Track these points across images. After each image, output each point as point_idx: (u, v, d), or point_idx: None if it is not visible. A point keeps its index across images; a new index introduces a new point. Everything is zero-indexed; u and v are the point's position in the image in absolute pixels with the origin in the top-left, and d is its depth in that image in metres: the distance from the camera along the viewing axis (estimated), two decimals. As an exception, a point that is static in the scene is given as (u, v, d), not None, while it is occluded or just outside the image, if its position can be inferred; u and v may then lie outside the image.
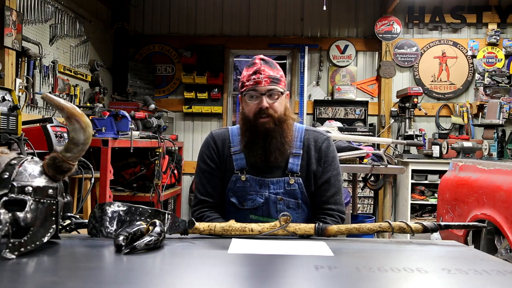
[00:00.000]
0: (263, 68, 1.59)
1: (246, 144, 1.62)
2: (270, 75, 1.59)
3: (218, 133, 1.73)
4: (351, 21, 5.79)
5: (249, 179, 1.62)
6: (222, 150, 1.68)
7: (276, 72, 1.62)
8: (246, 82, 1.61)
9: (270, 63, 1.63)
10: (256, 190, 1.62)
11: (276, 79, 1.60)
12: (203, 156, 1.70)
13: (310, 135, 1.69)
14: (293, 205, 1.63)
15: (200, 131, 5.83)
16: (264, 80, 1.57)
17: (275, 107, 1.59)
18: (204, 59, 5.74)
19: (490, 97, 5.26)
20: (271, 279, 0.90)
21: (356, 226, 1.25)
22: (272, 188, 1.61)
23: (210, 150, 1.69)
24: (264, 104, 1.57)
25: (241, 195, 1.63)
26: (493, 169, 2.93)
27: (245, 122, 1.63)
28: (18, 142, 2.57)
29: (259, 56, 1.66)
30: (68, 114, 1.01)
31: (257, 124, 1.59)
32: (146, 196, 4.19)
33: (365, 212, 5.50)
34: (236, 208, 1.64)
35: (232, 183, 1.64)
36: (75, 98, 4.52)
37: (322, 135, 1.70)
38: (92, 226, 1.18)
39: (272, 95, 1.59)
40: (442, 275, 0.93)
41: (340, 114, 5.66)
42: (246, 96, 1.61)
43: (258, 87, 1.58)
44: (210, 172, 1.68)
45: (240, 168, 1.64)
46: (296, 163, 1.63)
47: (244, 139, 1.63)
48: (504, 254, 2.72)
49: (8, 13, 3.40)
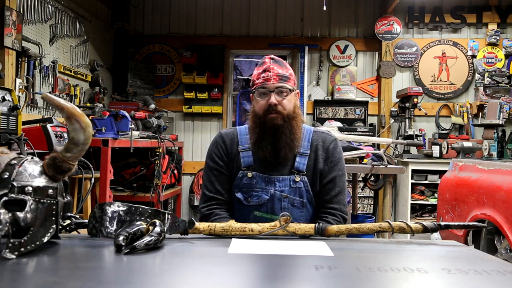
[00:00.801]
0: (272, 66, 1.65)
1: (255, 141, 1.66)
2: (279, 73, 1.64)
3: (227, 132, 1.76)
4: (351, 21, 5.79)
5: (256, 176, 1.65)
6: (231, 149, 1.71)
7: (285, 70, 1.66)
8: (256, 80, 1.67)
9: (280, 62, 1.68)
10: (262, 187, 1.64)
11: (285, 77, 1.64)
12: (212, 154, 1.73)
13: (318, 136, 1.73)
14: (298, 204, 1.65)
15: (200, 131, 5.83)
16: (273, 78, 1.62)
17: (284, 104, 1.63)
18: (204, 59, 5.74)
19: (490, 97, 5.26)
20: (271, 279, 0.90)
21: (356, 226, 1.25)
22: (277, 186, 1.64)
23: (218, 148, 1.72)
24: (272, 101, 1.61)
25: (247, 191, 1.66)
26: (493, 169, 2.93)
27: (255, 119, 1.67)
28: (18, 142, 2.57)
29: (269, 56, 1.72)
30: (68, 114, 1.01)
31: (266, 120, 1.63)
32: (146, 196, 4.19)
33: (365, 212, 5.51)
34: (241, 204, 1.66)
35: (238, 180, 1.67)
36: (75, 98, 4.52)
37: (330, 137, 1.75)
38: (92, 226, 1.18)
39: (281, 92, 1.63)
40: (442, 275, 0.93)
41: (340, 114, 5.66)
42: (256, 93, 1.66)
43: (267, 84, 1.63)
44: (219, 169, 1.70)
45: (247, 165, 1.67)
46: (303, 162, 1.66)
47: (254, 135, 1.67)
48: (504, 254, 2.72)
49: (8, 13, 3.40)
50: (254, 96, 1.67)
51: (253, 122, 1.68)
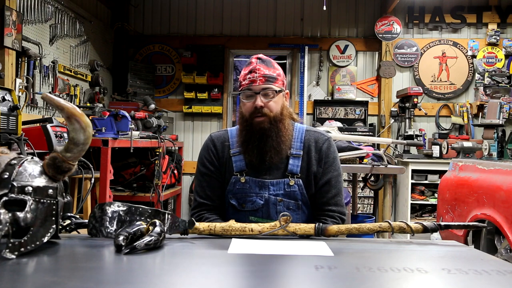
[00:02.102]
0: (258, 67, 1.60)
1: (242, 144, 1.62)
2: (265, 74, 1.59)
3: (218, 136, 1.72)
4: (351, 21, 5.79)
5: (249, 180, 1.61)
6: (222, 153, 1.68)
7: (272, 71, 1.61)
8: (242, 82, 1.62)
9: (267, 62, 1.63)
10: (255, 192, 1.61)
11: (272, 77, 1.59)
12: (203, 159, 1.70)
13: (310, 136, 1.68)
14: (293, 207, 1.62)
15: (200, 131, 5.83)
16: (259, 79, 1.58)
17: (270, 106, 1.59)
18: (204, 59, 5.74)
19: (490, 97, 5.26)
20: (271, 279, 0.90)
21: (356, 226, 1.25)
22: (272, 190, 1.60)
23: (209, 153, 1.69)
24: (258, 103, 1.57)
25: (241, 196, 1.62)
26: (493, 169, 2.93)
27: (242, 121, 1.63)
28: (18, 142, 2.57)
29: (256, 56, 1.66)
30: (68, 114, 1.01)
31: (253, 123, 1.59)
32: (146, 196, 4.19)
33: (365, 212, 5.50)
34: (236, 209, 1.63)
35: (231, 185, 1.63)
36: (75, 98, 4.52)
37: (323, 136, 1.69)
38: (92, 226, 1.18)
39: (267, 94, 1.59)
40: (442, 275, 0.93)
41: (340, 114, 5.66)
42: (242, 95, 1.62)
43: (253, 86, 1.58)
44: (209, 175, 1.67)
45: (240, 170, 1.63)
46: (296, 164, 1.62)
47: (241, 138, 1.63)
48: (504, 254, 2.72)
49: (8, 13, 3.40)
50: (241, 98, 1.63)
51: (240, 124, 1.65)
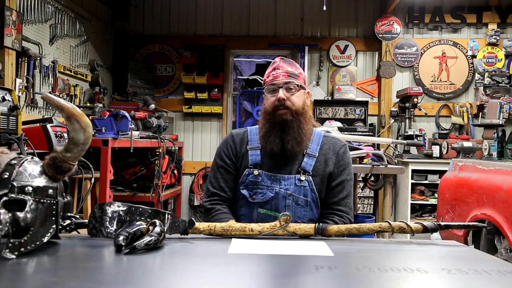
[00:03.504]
0: (281, 65, 1.73)
1: (264, 135, 1.71)
2: (288, 71, 1.71)
3: (237, 132, 1.82)
4: (351, 21, 5.79)
5: (262, 174, 1.69)
6: (240, 148, 1.76)
7: (294, 68, 1.74)
8: (266, 79, 1.75)
9: (289, 61, 1.77)
10: (267, 185, 1.68)
11: (294, 74, 1.72)
12: (221, 152, 1.78)
13: (328, 140, 1.78)
14: (302, 202, 1.67)
15: (200, 131, 5.83)
16: (282, 75, 1.70)
17: (292, 100, 1.69)
18: (204, 59, 5.74)
19: (490, 97, 5.26)
20: (271, 279, 0.90)
21: (356, 226, 1.25)
22: (283, 184, 1.67)
23: (228, 147, 1.78)
24: (281, 96, 1.67)
25: (252, 188, 1.69)
26: (493, 169, 2.93)
27: (264, 115, 1.74)
28: (18, 142, 2.57)
29: (280, 56, 1.82)
30: (68, 114, 1.01)
31: (275, 115, 1.68)
32: (146, 196, 4.20)
33: (365, 212, 5.50)
34: (246, 200, 1.70)
35: (244, 177, 1.71)
36: (75, 98, 4.52)
37: (340, 142, 1.80)
38: (92, 226, 1.18)
39: (290, 88, 1.69)
40: (442, 275, 0.93)
41: (340, 114, 5.66)
42: (266, 90, 1.74)
43: (276, 80, 1.70)
44: (225, 167, 1.75)
45: (255, 163, 1.71)
46: (310, 163, 1.70)
47: (263, 130, 1.71)
48: (504, 254, 2.72)
49: (8, 13, 3.40)
50: (265, 94, 1.74)
51: (263, 118, 1.74)
